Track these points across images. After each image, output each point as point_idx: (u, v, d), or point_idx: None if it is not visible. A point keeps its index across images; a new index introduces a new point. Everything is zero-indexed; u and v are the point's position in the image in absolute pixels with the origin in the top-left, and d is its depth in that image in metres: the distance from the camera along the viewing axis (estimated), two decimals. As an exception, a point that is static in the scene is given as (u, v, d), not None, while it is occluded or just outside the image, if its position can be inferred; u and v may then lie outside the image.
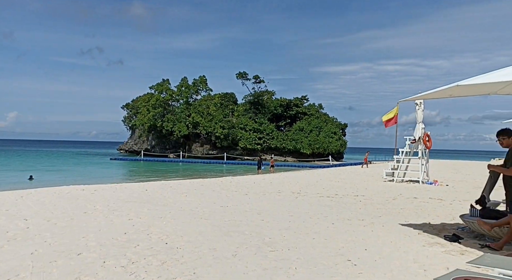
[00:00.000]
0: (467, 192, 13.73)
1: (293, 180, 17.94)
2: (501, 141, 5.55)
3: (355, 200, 11.29)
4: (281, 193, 12.84)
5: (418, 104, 16.83)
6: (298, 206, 9.94)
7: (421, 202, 10.99)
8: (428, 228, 7.30)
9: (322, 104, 73.93)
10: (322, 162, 53.27)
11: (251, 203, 10.32)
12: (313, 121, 66.59)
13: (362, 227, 7.30)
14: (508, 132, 5.58)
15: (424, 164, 16.76)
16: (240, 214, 8.62)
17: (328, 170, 28.42)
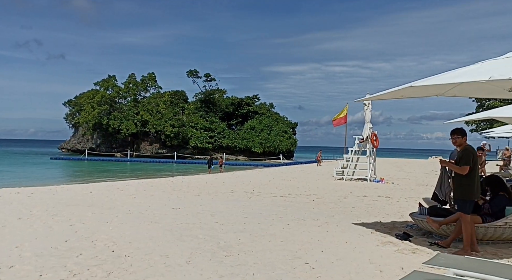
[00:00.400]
0: (411, 190, 14.26)
1: (246, 179, 17.81)
2: (455, 139, 5.70)
3: (308, 199, 11.34)
4: (234, 193, 12.65)
5: (366, 105, 17.28)
6: (252, 206, 9.80)
7: (370, 200, 11.24)
8: (379, 226, 7.42)
9: (273, 103, 74.67)
10: (273, 160, 53.73)
11: (204, 205, 10.05)
12: (264, 120, 67.00)
13: (317, 228, 7.28)
14: (462, 132, 5.73)
15: (371, 162, 17.26)
16: (193, 216, 8.34)
17: (280, 169, 28.62)
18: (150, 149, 68.22)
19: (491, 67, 4.86)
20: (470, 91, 6.56)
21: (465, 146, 5.64)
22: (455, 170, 5.56)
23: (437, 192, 6.32)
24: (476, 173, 5.50)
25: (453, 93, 6.56)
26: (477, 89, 6.41)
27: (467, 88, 6.30)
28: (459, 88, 6.30)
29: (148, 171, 35.17)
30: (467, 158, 5.49)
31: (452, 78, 5.01)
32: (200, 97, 71.78)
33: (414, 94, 6.68)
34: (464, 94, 6.72)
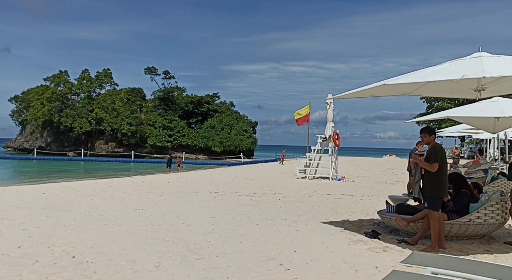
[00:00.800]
0: (372, 188, 14.57)
1: (209, 178, 17.53)
2: (423, 138, 5.79)
3: (274, 198, 11.27)
4: (198, 193, 12.37)
5: (328, 104, 17.50)
6: (219, 206, 9.59)
7: (335, 198, 11.34)
8: (348, 225, 7.45)
9: (233, 101, 74.42)
10: (233, 159, 53.53)
11: (168, 205, 9.71)
12: (224, 118, 66.64)
13: (286, 227, 7.20)
14: (430, 131, 5.82)
15: (333, 161, 17.50)
16: (158, 217, 8.02)
17: (241, 168, 28.48)
18: (105, 148, 66.01)
19: (461, 67, 4.95)
20: (435, 91, 6.71)
21: (434, 145, 5.74)
22: (426, 167, 5.65)
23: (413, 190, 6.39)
24: (445, 171, 5.61)
25: (420, 92, 6.69)
26: (442, 89, 6.56)
27: (433, 87, 6.42)
28: (426, 87, 6.42)
29: (105, 171, 33.92)
30: (436, 156, 5.59)
31: (425, 77, 5.07)
32: (158, 95, 70.30)
33: (383, 93, 6.75)
34: (429, 93, 6.87)
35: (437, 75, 4.93)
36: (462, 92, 6.55)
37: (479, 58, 5.07)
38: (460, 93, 6.72)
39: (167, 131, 65.19)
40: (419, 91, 6.58)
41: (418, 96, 6.77)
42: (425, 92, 6.64)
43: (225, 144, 63.33)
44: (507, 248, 5.71)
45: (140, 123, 64.13)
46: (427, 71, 5.24)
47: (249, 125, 68.30)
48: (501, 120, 10.04)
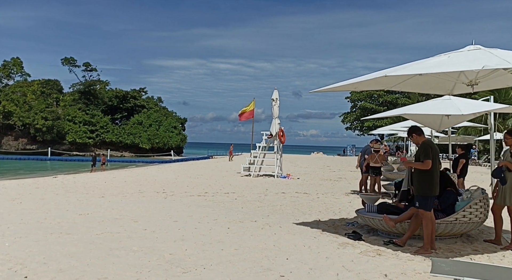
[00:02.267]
0: (320, 185, 14.56)
1: (150, 178, 16.37)
2: (412, 138, 5.61)
3: (229, 198, 10.67)
4: (144, 194, 11.35)
5: (274, 100, 17.24)
6: (175, 208, 8.77)
7: (292, 197, 11.04)
8: (323, 226, 7.12)
9: (161, 97, 71.90)
10: (163, 157, 51.60)
11: (117, 208, 8.68)
12: (152, 114, 64.12)
13: (261, 230, 6.67)
14: (417, 130, 5.66)
15: (278, 158, 17.31)
16: (111, 223, 7.05)
17: (177, 166, 27.30)
18: (15, 145, 60.30)
19: (467, 58, 4.79)
20: (417, 86, 6.59)
21: (423, 141, 5.55)
22: (420, 168, 5.42)
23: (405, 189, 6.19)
24: (436, 168, 5.46)
25: (401, 87, 6.55)
26: (425, 84, 6.46)
27: (417, 82, 6.29)
28: (408, 82, 6.27)
29: (19, 170, 30.62)
30: (427, 152, 5.39)
31: (430, 68, 4.82)
32: (79, 88, 65.64)
33: (366, 87, 6.51)
34: (409, 89, 6.76)
35: (445, 67, 4.72)
36: (443, 87, 6.52)
37: (479, 50, 4.95)
38: (443, 89, 6.69)
39: (89, 126, 61.13)
40: (400, 86, 6.44)
41: (398, 90, 6.62)
42: (406, 87, 6.52)
43: (153, 141, 60.99)
44: (491, 246, 5.73)
45: (57, 118, 59.38)
46: (427, 63, 5.01)
47: (178, 121, 66.50)
48: (450, 118, 10.45)
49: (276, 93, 17.29)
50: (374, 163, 11.57)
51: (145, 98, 69.88)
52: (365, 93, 57.36)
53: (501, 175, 5.62)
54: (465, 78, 5.34)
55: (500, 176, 5.64)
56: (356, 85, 6.15)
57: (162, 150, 59.37)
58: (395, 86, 6.42)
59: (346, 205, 9.73)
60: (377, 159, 11.67)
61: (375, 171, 11.60)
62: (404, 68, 5.11)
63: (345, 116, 60.56)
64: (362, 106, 58.06)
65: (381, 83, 6.39)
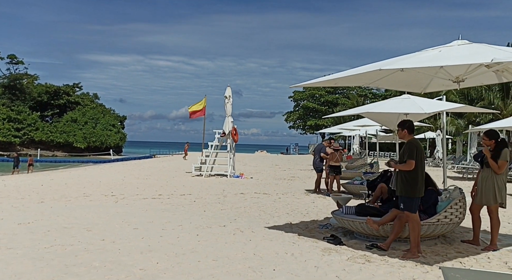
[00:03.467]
0: (276, 184, 14.26)
1: (92, 179, 15.10)
2: (401, 132, 5.36)
3: (187, 200, 10.00)
4: (90, 197, 10.33)
5: (227, 98, 16.70)
6: (131, 213, 7.97)
7: (252, 198, 10.59)
8: (297, 229, 6.74)
9: (97, 93, 68.30)
10: (101, 156, 48.89)
11: (63, 215, 7.71)
12: (88, 112, 60.67)
13: (233, 236, 6.15)
14: (402, 124, 5.41)
15: (231, 157, 16.79)
16: (61, 233, 6.17)
17: (118, 166, 25.76)
18: None
19: (461, 53, 4.60)
20: (394, 83, 6.42)
21: (409, 140, 5.34)
22: (403, 169, 5.18)
23: None
24: (422, 169, 5.26)
25: (378, 84, 6.35)
26: (401, 81, 6.29)
27: (394, 80, 6.11)
28: (387, 79, 6.07)
29: None
30: (411, 152, 5.17)
31: (429, 62, 4.58)
32: (2, 82, 60.38)
33: (346, 83, 6.24)
34: (386, 85, 6.58)
35: (446, 60, 4.49)
36: (419, 85, 6.41)
37: (472, 44, 4.81)
38: (417, 87, 6.56)
39: (14, 124, 56.39)
40: (378, 83, 6.23)
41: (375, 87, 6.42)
42: (383, 84, 6.33)
43: (89, 139, 57.72)
44: (471, 247, 5.65)
45: (-23, 114, 54.21)
46: (422, 56, 4.78)
47: (117, 119, 63.59)
48: (409, 116, 10.57)
49: (229, 90, 16.77)
50: (335, 162, 11.46)
51: (80, 94, 66.05)
52: (307, 93, 58.53)
53: (478, 159, 5.65)
54: (449, 75, 5.20)
55: (478, 159, 5.68)
56: (336, 81, 5.85)
57: (99, 149, 56.34)
58: (374, 83, 6.20)
59: (311, 205, 9.47)
60: (338, 158, 11.59)
61: (336, 170, 11.50)
62: (399, 61, 4.86)
63: (288, 115, 61.34)
64: (304, 106, 59.14)
65: (361, 79, 6.16)
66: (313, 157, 12.86)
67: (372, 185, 7.85)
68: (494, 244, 5.53)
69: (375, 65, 4.93)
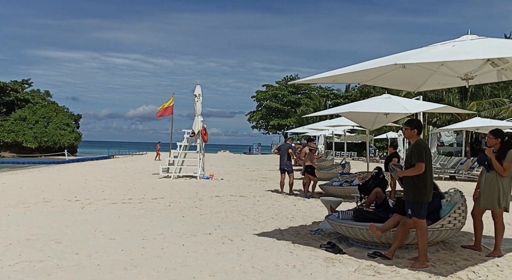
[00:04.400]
0: (249, 186, 13.79)
1: (50, 182, 13.95)
2: (409, 132, 5.03)
3: (161, 205, 9.32)
4: (52, 203, 9.41)
5: (197, 96, 16.03)
6: (102, 221, 7.22)
7: (230, 201, 10.06)
8: (288, 236, 6.30)
9: (50, 91, 64.78)
10: (54, 157, 46.32)
11: (23, 224, 6.86)
12: (39, 110, 57.33)
13: (223, 246, 5.63)
14: (409, 123, 5.07)
15: (201, 158, 16.14)
16: (25, 247, 5.39)
17: (76, 167, 24.28)
18: None
19: (475, 48, 4.34)
20: (391, 81, 6.10)
21: (417, 141, 5.03)
22: (412, 174, 4.84)
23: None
24: (431, 172, 4.97)
25: (375, 81, 6.05)
26: (399, 79, 5.99)
27: (392, 77, 5.80)
28: (385, 76, 5.76)
29: None
30: (420, 154, 4.84)
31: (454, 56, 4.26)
32: None
33: (345, 80, 5.89)
34: (381, 83, 6.27)
35: (464, 55, 4.19)
36: (414, 83, 6.16)
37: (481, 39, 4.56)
38: (411, 85, 6.31)
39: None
40: (376, 80, 5.93)
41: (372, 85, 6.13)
42: (380, 82, 6.03)
43: (40, 139, 54.58)
44: (474, 253, 5.42)
45: None
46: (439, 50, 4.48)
47: (71, 118, 60.64)
48: (389, 116, 10.46)
49: (199, 88, 16.10)
50: (312, 162, 11.14)
51: (30, 91, 62.38)
52: (270, 93, 58.46)
53: (485, 163, 5.38)
54: (455, 72, 4.95)
55: (484, 163, 5.41)
56: (335, 77, 5.47)
57: (52, 150, 53.44)
58: (371, 80, 5.89)
59: (293, 208, 9.08)
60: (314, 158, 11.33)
61: (313, 171, 11.19)
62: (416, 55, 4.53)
63: (251, 115, 60.98)
64: (267, 106, 59.02)
65: (359, 77, 5.83)
66: (279, 157, 12.19)
67: (364, 188, 7.57)
68: (498, 250, 5.34)
69: (387, 60, 4.59)
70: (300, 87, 60.01)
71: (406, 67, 5.02)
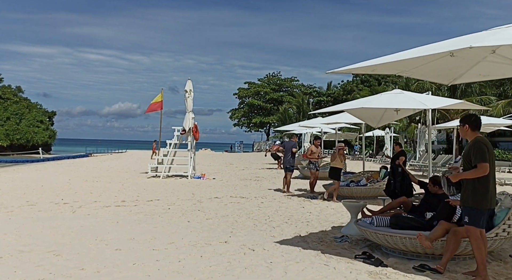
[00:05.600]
0: (245, 186, 13.14)
1: (31, 183, 12.93)
2: (463, 128, 4.47)
3: (159, 208, 8.58)
4: (37, 206, 8.54)
5: (188, 92, 15.26)
6: (100, 227, 6.46)
7: (232, 203, 9.40)
8: (314, 244, 5.70)
9: (21, 87, 62.12)
10: (27, 155, 44.35)
11: (10, 232, 6.07)
12: (10, 106, 54.91)
13: (245, 257, 4.99)
14: (474, 122, 4.42)
15: (192, 157, 15.38)
16: (19, 260, 4.66)
17: (53, 166, 23.02)
18: None
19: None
20: (426, 72, 5.56)
21: (475, 138, 4.40)
22: (474, 176, 4.23)
23: None
24: (493, 174, 4.38)
25: (411, 73, 5.54)
26: (435, 70, 5.48)
27: (429, 68, 5.31)
28: (421, 68, 5.26)
29: None
30: (482, 153, 4.22)
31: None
32: None
33: (384, 71, 5.40)
34: (418, 75, 5.77)
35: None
36: (449, 75, 5.67)
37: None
38: (446, 78, 5.82)
39: None
40: (411, 72, 5.43)
41: (409, 76, 5.64)
42: (416, 73, 5.50)
43: (12, 137, 52.26)
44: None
45: None
46: (501, 34, 3.98)
47: (45, 115, 58.36)
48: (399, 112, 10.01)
49: (190, 84, 15.33)
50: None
51: (0, 86, 59.68)
52: (253, 90, 57.84)
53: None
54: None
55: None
56: (374, 67, 4.93)
57: (25, 148, 51.23)
58: (409, 71, 5.37)
59: (303, 211, 8.50)
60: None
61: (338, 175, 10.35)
62: (487, 37, 4.00)
63: (233, 113, 60.20)
64: (249, 103, 58.37)
65: (397, 67, 5.29)
66: (283, 155, 11.88)
67: (392, 192, 7.01)
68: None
69: (443, 46, 4.06)
70: (283, 85, 59.65)
71: (449, 57, 4.53)
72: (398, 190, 6.76)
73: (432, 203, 5.74)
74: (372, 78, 48.09)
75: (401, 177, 7.84)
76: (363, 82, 47.79)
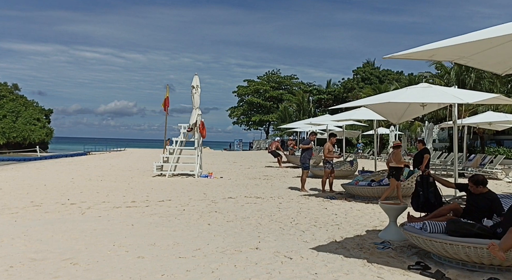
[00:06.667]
0: (256, 185, 12.60)
1: (33, 182, 12.33)
2: None
3: (173, 208, 8.04)
4: (43, 207, 7.98)
5: (194, 87, 14.69)
6: (115, 231, 5.92)
7: (249, 204, 8.87)
8: (355, 252, 5.17)
9: (18, 84, 61.30)
10: (25, 153, 43.61)
11: (18, 236, 5.53)
12: (7, 104, 54.18)
13: (284, 267, 4.47)
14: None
15: (199, 155, 14.83)
16: (33, 270, 4.12)
17: (52, 165, 22.35)
18: None
19: None
20: (484, 61, 5.06)
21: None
22: None
23: None
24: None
25: (470, 60, 5.01)
26: (493, 58, 4.97)
27: (486, 56, 4.81)
28: (482, 54, 4.76)
29: None
30: None
31: None
32: None
33: (443, 56, 4.92)
34: (475, 63, 5.22)
35: None
36: (506, 64, 5.16)
37: None
38: (501, 68, 5.31)
39: None
40: (470, 58, 4.90)
41: (464, 64, 5.12)
42: (473, 61, 4.99)
43: (9, 135, 51.58)
44: None
45: None
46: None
47: (42, 113, 57.57)
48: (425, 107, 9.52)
49: (197, 79, 14.77)
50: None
51: (-4, 84, 58.90)
52: (252, 88, 57.24)
53: None
54: None
55: None
56: (433, 52, 4.44)
57: (21, 146, 50.48)
58: (467, 58, 4.87)
59: (327, 213, 7.97)
60: None
61: (398, 175, 9.62)
62: None
63: (232, 111, 59.57)
64: (249, 101, 57.78)
65: (456, 53, 4.79)
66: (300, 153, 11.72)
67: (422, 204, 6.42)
68: None
69: None
70: (282, 83, 59.12)
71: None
72: (433, 201, 6.16)
73: (481, 204, 5.23)
74: (373, 76, 47.68)
75: (434, 188, 7.14)
76: (364, 80, 47.35)
